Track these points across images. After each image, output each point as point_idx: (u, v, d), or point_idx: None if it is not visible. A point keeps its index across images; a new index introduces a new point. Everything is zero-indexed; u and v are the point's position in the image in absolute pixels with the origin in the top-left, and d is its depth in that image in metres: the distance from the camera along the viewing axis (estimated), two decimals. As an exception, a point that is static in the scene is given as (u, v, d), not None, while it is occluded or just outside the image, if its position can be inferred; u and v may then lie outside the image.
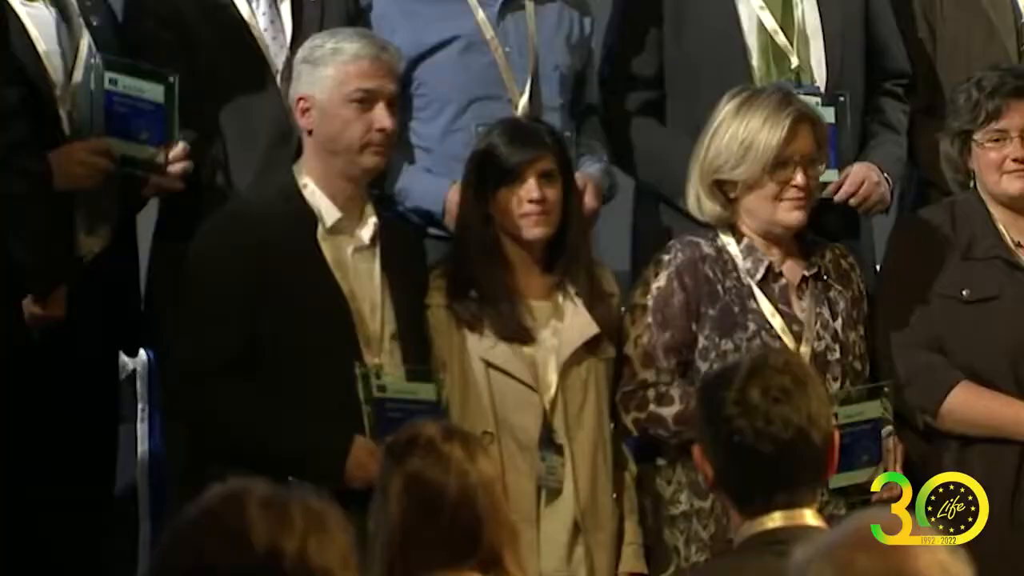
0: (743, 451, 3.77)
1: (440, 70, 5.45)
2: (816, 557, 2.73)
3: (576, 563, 5.04)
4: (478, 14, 5.46)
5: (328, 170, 5.00)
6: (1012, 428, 5.12)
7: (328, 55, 5.00)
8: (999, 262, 5.22)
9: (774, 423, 3.73)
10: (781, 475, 3.73)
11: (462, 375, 5.03)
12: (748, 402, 3.75)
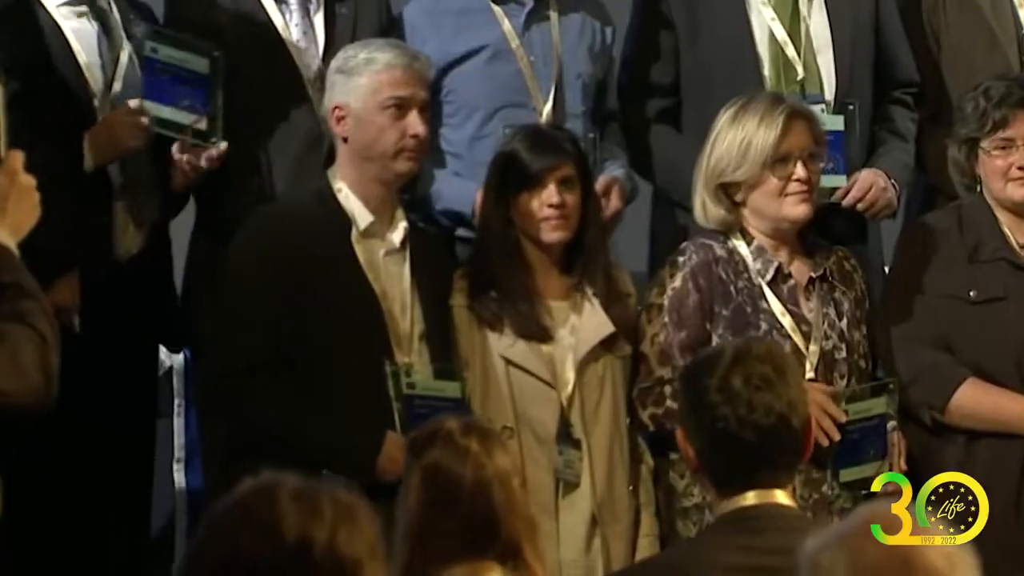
0: (726, 437, 3.79)
1: (468, 78, 5.45)
2: (827, 547, 2.72)
3: (594, 554, 5.03)
4: (504, 24, 5.45)
5: (362, 175, 5.00)
6: (1018, 423, 5.10)
7: (362, 65, 5.00)
8: (1005, 264, 5.21)
9: (756, 410, 3.76)
10: (762, 459, 3.76)
11: (483, 372, 5.02)
12: (731, 389, 3.77)
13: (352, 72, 4.99)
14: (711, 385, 3.81)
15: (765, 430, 3.76)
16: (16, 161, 3.44)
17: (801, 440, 3.84)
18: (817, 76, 5.49)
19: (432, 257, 5.10)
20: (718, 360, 3.85)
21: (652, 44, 5.56)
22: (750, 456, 3.75)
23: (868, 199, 5.39)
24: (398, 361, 4.89)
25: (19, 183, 3.44)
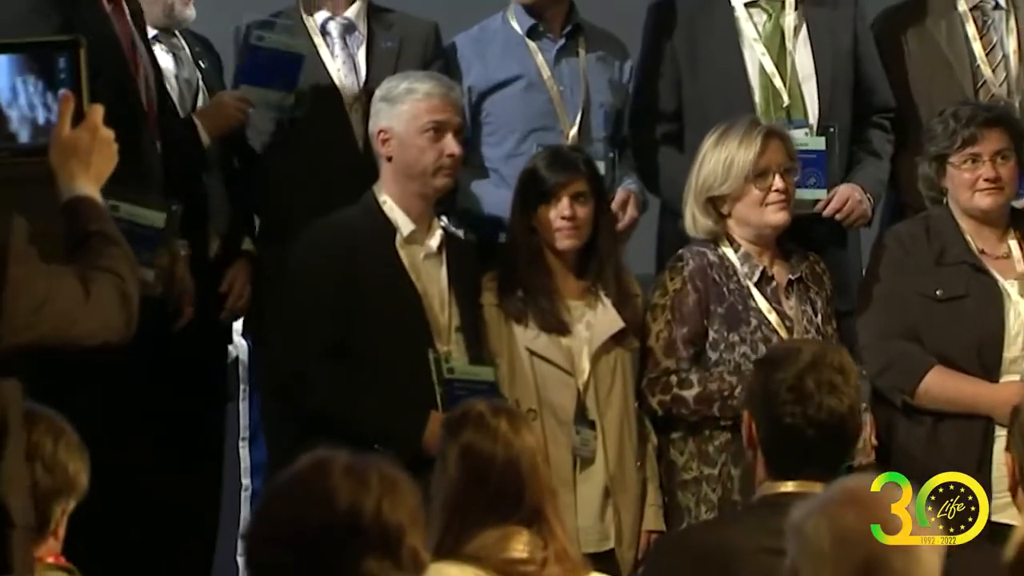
0: (791, 430, 3.75)
1: (505, 103, 5.45)
2: (812, 513, 2.72)
3: (607, 521, 5.02)
4: (538, 58, 5.46)
5: (404, 190, 5.01)
6: (979, 405, 5.08)
7: (404, 94, 5.03)
8: (967, 267, 5.18)
9: (823, 411, 3.73)
10: (817, 454, 3.72)
11: (510, 362, 5.02)
12: (804, 389, 3.74)
13: (395, 100, 5.01)
14: (785, 382, 3.79)
15: (827, 429, 3.74)
16: (96, 116, 3.34)
17: (852, 442, 3.85)
18: (801, 103, 5.45)
19: (464, 261, 5.10)
20: (794, 360, 3.83)
21: (657, 76, 5.53)
22: (807, 450, 3.73)
23: (846, 210, 5.37)
24: (439, 350, 4.89)
25: (100, 137, 3.34)
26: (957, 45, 5.66)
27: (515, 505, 3.69)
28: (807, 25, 5.52)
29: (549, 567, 3.64)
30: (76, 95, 3.33)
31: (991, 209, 5.17)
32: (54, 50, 3.39)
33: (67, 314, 3.20)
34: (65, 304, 3.19)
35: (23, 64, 3.38)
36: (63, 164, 3.32)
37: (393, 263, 4.95)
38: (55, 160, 3.33)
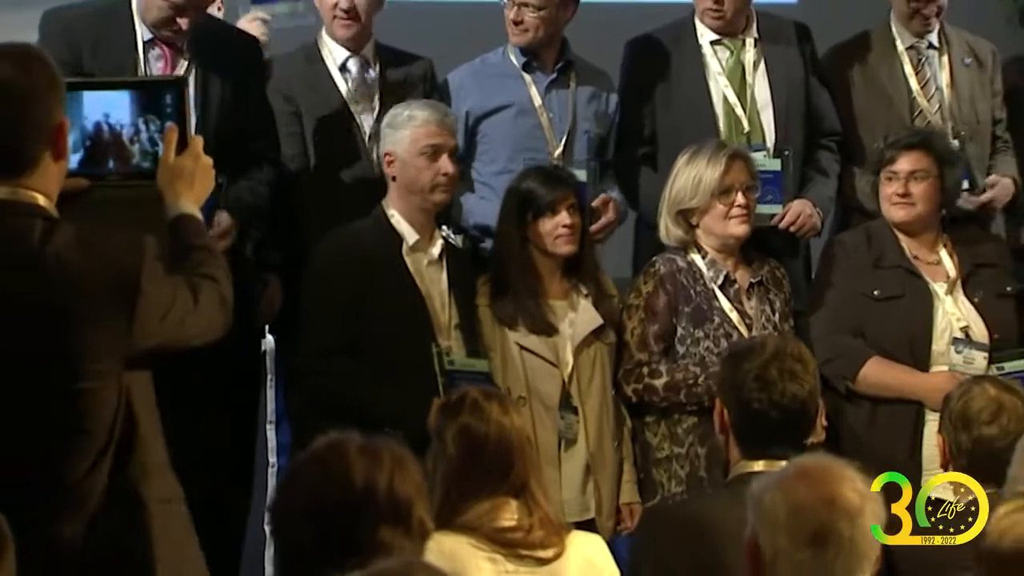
0: (758, 414, 3.73)
1: (499, 127, 5.43)
2: (769, 487, 2.74)
3: (588, 494, 5.01)
4: (531, 88, 5.44)
5: (408, 205, 4.99)
6: (912, 392, 5.06)
7: (405, 121, 5.00)
8: (901, 270, 5.19)
9: (786, 396, 3.71)
10: (781, 434, 3.70)
11: (502, 355, 5.00)
12: (768, 378, 3.71)
13: (397, 127, 4.99)
14: (751, 372, 3.77)
15: (790, 412, 3.73)
16: (198, 145, 3.40)
17: (812, 423, 3.81)
18: (760, 129, 5.44)
19: (462, 267, 5.07)
20: (759, 352, 3.80)
21: (635, 106, 5.53)
22: (773, 431, 3.70)
23: (799, 223, 5.37)
24: (440, 345, 4.87)
25: (201, 163, 3.39)
26: (896, 79, 5.65)
27: (504, 479, 3.70)
28: (765, 60, 5.51)
29: (534, 532, 3.66)
30: (180, 126, 3.38)
31: (902, 221, 5.19)
32: (162, 87, 3.45)
33: (182, 320, 3.24)
34: (181, 311, 3.23)
35: (136, 99, 3.42)
36: (169, 186, 3.37)
37: (400, 269, 4.93)
38: (162, 182, 3.38)
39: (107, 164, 3.41)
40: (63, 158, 3.21)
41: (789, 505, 2.69)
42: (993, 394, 3.83)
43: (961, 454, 3.81)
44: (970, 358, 5.06)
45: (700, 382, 4.97)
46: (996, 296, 5.20)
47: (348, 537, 2.52)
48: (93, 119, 3.39)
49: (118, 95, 3.44)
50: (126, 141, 3.41)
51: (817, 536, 2.66)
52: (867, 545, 2.70)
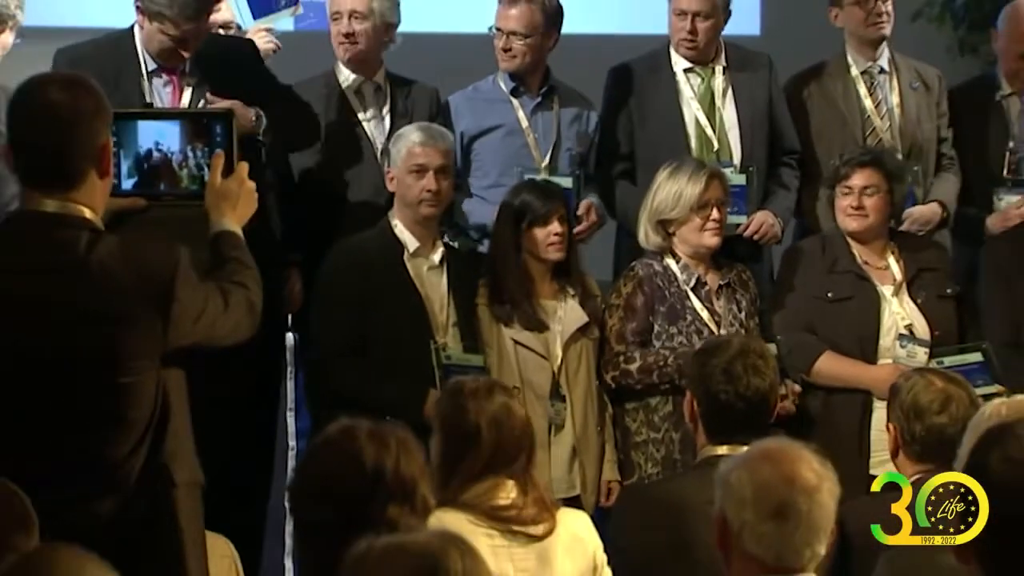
0: (724, 404, 3.77)
1: (490, 146, 5.43)
2: (735, 467, 2.75)
3: (574, 473, 5.02)
4: (518, 112, 5.43)
5: (407, 216, 5.00)
6: (860, 382, 5.05)
7: (400, 141, 5.02)
8: (852, 275, 5.18)
9: (749, 389, 3.75)
10: (743, 422, 3.72)
11: (499, 350, 5.00)
12: (733, 372, 3.74)
13: (396, 146, 5.01)
14: (718, 367, 3.80)
15: (752, 403, 3.76)
16: (243, 171, 3.42)
17: (772, 412, 3.84)
18: (728, 148, 5.44)
19: (462, 270, 5.06)
20: (726, 349, 3.83)
21: (615, 126, 5.53)
22: (738, 420, 3.74)
23: (762, 232, 5.38)
24: (438, 342, 4.86)
25: (245, 186, 3.42)
26: (851, 102, 5.64)
27: (509, 462, 3.66)
28: (732, 87, 5.51)
29: (527, 509, 3.63)
30: (227, 154, 3.40)
31: (855, 231, 5.18)
32: (212, 119, 3.47)
33: (213, 323, 3.25)
34: (213, 315, 3.25)
35: (185, 128, 3.46)
36: (215, 206, 3.40)
37: (401, 274, 4.92)
38: (209, 203, 3.40)
39: (160, 186, 3.43)
40: (107, 175, 3.22)
41: (754, 483, 2.69)
42: (941, 386, 3.80)
43: (915, 441, 3.78)
44: (913, 353, 5.06)
45: (670, 363, 4.97)
46: (937, 297, 5.20)
47: (359, 513, 2.52)
48: (146, 146, 3.42)
49: (168, 124, 3.47)
50: (176, 166, 3.43)
51: (779, 511, 2.67)
52: (824, 519, 2.71)
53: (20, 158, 3.19)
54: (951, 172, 5.70)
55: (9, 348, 3.13)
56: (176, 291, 3.17)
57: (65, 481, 3.06)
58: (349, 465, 2.60)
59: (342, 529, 2.46)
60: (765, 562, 2.67)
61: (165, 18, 4.63)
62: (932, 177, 5.67)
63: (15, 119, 3.21)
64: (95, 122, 3.18)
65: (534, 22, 5.35)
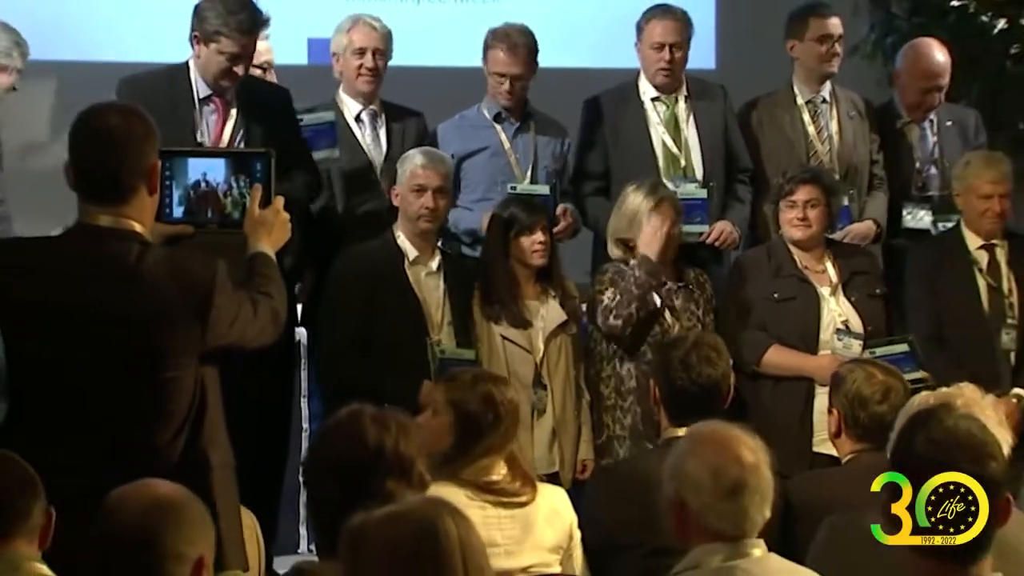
0: (681, 390, 3.86)
1: (477, 166, 5.43)
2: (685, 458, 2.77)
3: (554, 452, 5.01)
4: (500, 135, 5.44)
5: (408, 228, 5.00)
6: (804, 371, 5.05)
7: (405, 162, 5.04)
8: (795, 278, 5.19)
9: (702, 376, 3.82)
10: (698, 407, 3.76)
11: (489, 346, 4.99)
12: (689, 362, 3.82)
13: (402, 166, 5.02)
14: (677, 358, 3.87)
15: (705, 389, 3.83)
16: (279, 202, 3.44)
17: (725, 398, 3.89)
18: (692, 166, 5.45)
19: (458, 276, 5.04)
20: (683, 343, 3.92)
21: (590, 148, 5.54)
22: (692, 405, 3.79)
23: (722, 238, 5.40)
24: (433, 338, 4.87)
25: (280, 216, 3.44)
26: (796, 128, 5.65)
27: (504, 443, 3.67)
28: (693, 113, 5.51)
29: (514, 483, 3.64)
30: (266, 187, 3.43)
31: (800, 239, 5.18)
32: (253, 157, 3.50)
33: (245, 328, 3.27)
34: (244, 320, 3.27)
35: (228, 164, 3.48)
36: (253, 232, 3.42)
37: (402, 279, 4.92)
38: (248, 229, 3.43)
39: (206, 214, 3.45)
40: (155, 192, 3.24)
41: (708, 469, 2.71)
42: (881, 379, 3.80)
43: (857, 425, 3.78)
44: (848, 345, 5.05)
45: (632, 288, 4.96)
46: (868, 297, 5.20)
47: (363, 487, 2.53)
48: (194, 179, 3.44)
49: (215, 161, 3.50)
50: (220, 196, 3.46)
51: (734, 489, 2.71)
52: (768, 488, 2.76)
53: (79, 176, 3.22)
54: (881, 191, 5.72)
55: (66, 347, 3.15)
56: (214, 299, 3.19)
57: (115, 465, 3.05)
58: (354, 444, 2.61)
59: (348, 500, 2.47)
60: (726, 533, 2.71)
61: (222, 35, 4.66)
62: (865, 195, 5.69)
63: (75, 142, 3.23)
64: (145, 145, 3.20)
65: (529, 64, 5.40)
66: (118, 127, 3.18)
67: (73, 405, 3.14)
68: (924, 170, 5.68)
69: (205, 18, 4.70)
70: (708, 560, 2.70)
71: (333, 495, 2.58)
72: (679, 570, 2.75)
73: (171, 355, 3.16)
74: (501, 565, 3.45)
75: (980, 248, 5.32)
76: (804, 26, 5.63)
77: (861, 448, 3.79)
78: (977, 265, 5.29)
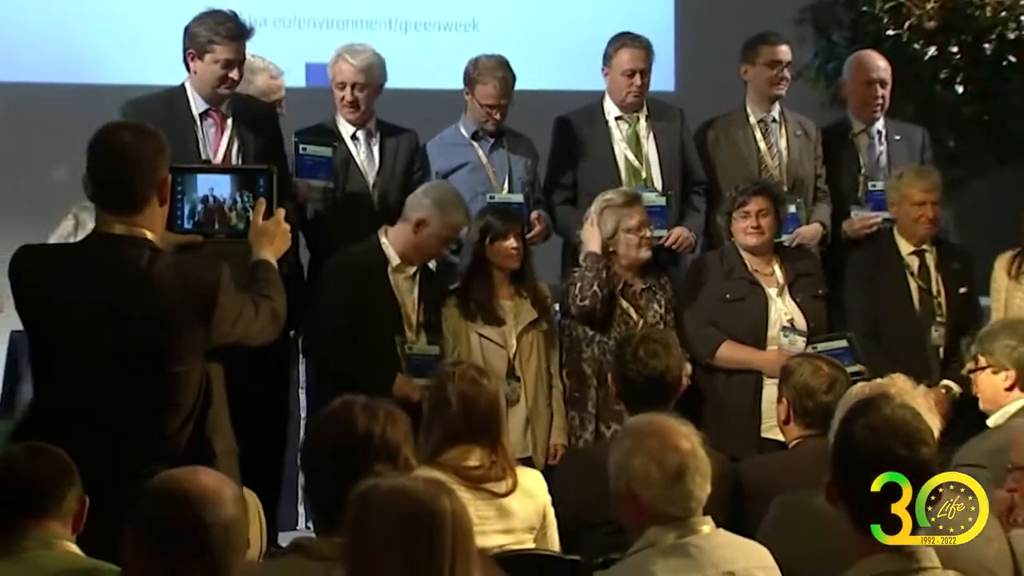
0: (631, 381, 3.94)
1: (459, 179, 5.38)
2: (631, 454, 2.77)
3: (528, 439, 5.00)
4: (479, 152, 5.43)
5: (406, 247, 4.92)
6: (753, 364, 5.05)
7: (450, 210, 4.92)
8: (745, 280, 5.19)
9: (648, 368, 3.89)
10: (648, 396, 3.85)
11: (466, 342, 4.97)
12: (638, 356, 3.90)
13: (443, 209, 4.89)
14: (628, 352, 3.93)
15: (651, 380, 3.89)
16: (280, 214, 3.44)
17: (672, 388, 3.91)
18: (651, 179, 5.47)
19: (432, 283, 5.01)
20: (634, 339, 4.00)
21: (560, 162, 5.56)
22: (643, 394, 3.86)
23: (679, 242, 5.41)
24: (407, 336, 4.85)
25: (281, 227, 3.44)
26: (749, 145, 5.66)
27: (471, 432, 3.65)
28: (653, 131, 5.53)
29: (494, 470, 3.62)
30: (268, 201, 3.42)
31: (754, 245, 5.19)
32: (257, 173, 3.48)
33: (247, 327, 3.29)
34: (247, 320, 3.28)
35: (234, 179, 3.47)
36: (257, 241, 3.42)
37: (384, 283, 4.89)
38: (252, 239, 3.42)
39: (214, 225, 3.44)
40: (166, 203, 3.26)
41: (654, 461, 2.73)
42: (827, 371, 3.80)
43: (805, 414, 3.78)
44: (794, 341, 5.08)
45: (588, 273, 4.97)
46: (811, 297, 5.21)
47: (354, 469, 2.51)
48: (203, 193, 3.42)
49: (222, 177, 3.49)
50: (227, 209, 3.44)
51: (678, 475, 2.73)
52: (706, 467, 2.77)
53: (95, 188, 3.23)
54: (824, 202, 5.75)
55: (83, 345, 3.16)
56: (218, 299, 3.20)
57: (127, 452, 3.09)
58: (346, 431, 2.62)
59: (340, 481, 2.47)
60: (676, 515, 2.73)
61: (215, 43, 4.68)
62: (811, 206, 5.71)
63: (92, 157, 3.25)
64: (156, 160, 3.22)
65: (511, 93, 5.40)
66: (131, 144, 3.20)
67: (90, 397, 3.17)
68: (870, 177, 5.71)
69: (196, 34, 4.73)
70: (662, 539, 2.73)
71: (327, 477, 2.58)
72: (636, 549, 2.76)
73: (179, 352, 3.18)
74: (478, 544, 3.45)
75: (911, 253, 5.34)
76: (756, 53, 5.66)
77: (807, 434, 3.79)
78: (909, 269, 5.31)
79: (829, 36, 6.82)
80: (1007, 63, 6.66)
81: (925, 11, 6.57)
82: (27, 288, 3.22)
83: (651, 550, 2.73)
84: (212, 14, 4.74)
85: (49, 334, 3.19)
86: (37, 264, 3.25)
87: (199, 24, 4.74)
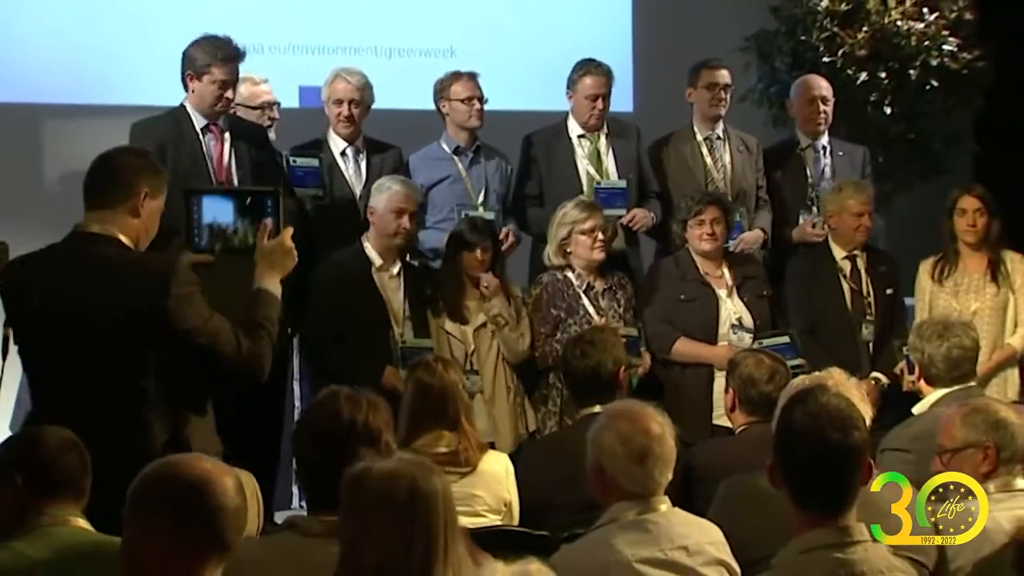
0: (575, 375, 4.00)
1: (440, 191, 5.38)
2: (602, 431, 2.80)
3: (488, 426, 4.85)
4: (459, 166, 5.40)
5: (379, 243, 4.94)
6: (705, 358, 5.05)
7: (385, 188, 4.96)
8: (697, 282, 5.20)
9: (583, 365, 3.94)
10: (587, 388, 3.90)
11: (437, 338, 4.93)
12: (575, 353, 3.97)
13: (380, 191, 4.94)
14: (572, 350, 4.00)
15: (588, 374, 3.92)
16: (286, 235, 3.28)
17: (609, 382, 3.91)
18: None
19: (416, 281, 4.98)
20: (580, 337, 4.12)
21: (528, 175, 5.54)
22: (584, 386, 3.90)
23: (636, 221, 5.39)
24: (395, 330, 4.84)
25: (285, 247, 3.27)
26: (696, 160, 5.65)
27: (432, 417, 3.65)
28: (612, 147, 5.52)
29: (461, 454, 3.63)
30: (274, 222, 3.30)
31: (709, 250, 5.19)
32: (263, 195, 3.38)
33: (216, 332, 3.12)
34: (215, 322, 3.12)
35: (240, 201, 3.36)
36: (261, 261, 3.28)
37: (369, 282, 4.89)
38: (257, 258, 3.29)
39: (224, 244, 3.33)
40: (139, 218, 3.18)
41: (621, 439, 2.74)
42: (769, 363, 3.80)
43: (749, 402, 3.77)
44: (742, 338, 5.08)
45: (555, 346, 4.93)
46: (757, 297, 5.21)
47: (339, 453, 2.50)
48: (213, 214, 3.32)
49: (231, 199, 3.37)
50: (235, 229, 3.35)
51: (642, 455, 2.74)
52: (671, 455, 2.79)
53: (83, 191, 3.24)
54: (765, 210, 5.76)
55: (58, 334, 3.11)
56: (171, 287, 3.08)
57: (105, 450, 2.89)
58: (331, 418, 2.61)
59: (327, 464, 2.48)
60: (635, 493, 2.75)
61: (213, 66, 4.67)
62: (753, 213, 5.72)
63: (89, 169, 3.26)
64: (136, 176, 3.19)
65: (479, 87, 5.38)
66: (120, 157, 3.24)
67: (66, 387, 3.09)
68: (815, 187, 5.73)
69: (195, 58, 4.72)
70: (623, 515, 2.74)
71: (316, 461, 2.58)
72: (600, 524, 2.76)
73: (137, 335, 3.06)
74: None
75: (844, 258, 5.35)
76: (698, 76, 5.66)
77: (752, 421, 3.78)
78: (842, 272, 5.32)
79: (772, 63, 6.85)
80: (930, 87, 6.72)
81: (857, 40, 6.63)
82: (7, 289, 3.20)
83: (612, 525, 2.74)
84: (208, 39, 4.73)
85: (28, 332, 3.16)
86: (18, 268, 3.25)
87: (197, 48, 4.73)
